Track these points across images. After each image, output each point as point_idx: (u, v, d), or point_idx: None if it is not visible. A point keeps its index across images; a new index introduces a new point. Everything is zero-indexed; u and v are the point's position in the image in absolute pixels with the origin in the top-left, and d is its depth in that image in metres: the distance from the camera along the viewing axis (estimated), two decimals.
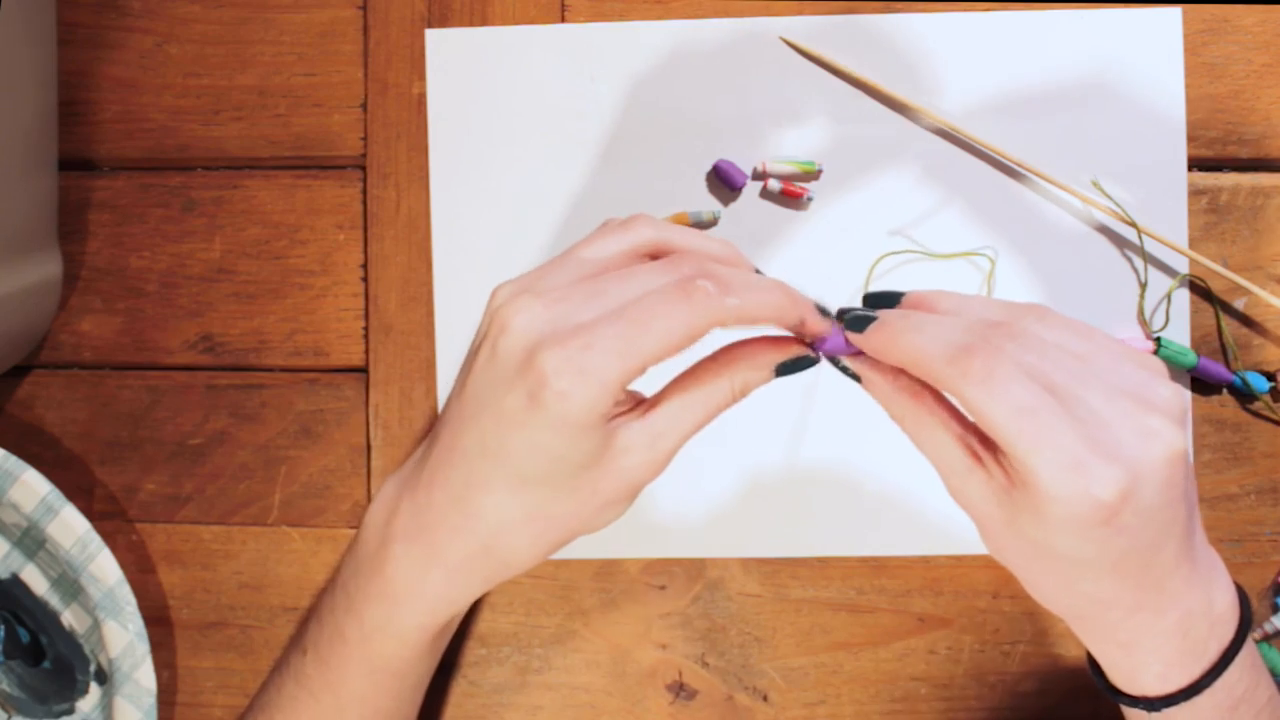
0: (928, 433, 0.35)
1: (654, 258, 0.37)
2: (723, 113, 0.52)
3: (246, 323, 0.54)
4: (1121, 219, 0.51)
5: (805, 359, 0.37)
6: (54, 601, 0.53)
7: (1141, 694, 0.36)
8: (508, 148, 0.53)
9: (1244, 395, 0.51)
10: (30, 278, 0.51)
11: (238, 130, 0.54)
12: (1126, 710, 0.37)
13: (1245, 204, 0.51)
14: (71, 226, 0.55)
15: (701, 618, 0.53)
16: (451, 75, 0.53)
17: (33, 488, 0.50)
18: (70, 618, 0.53)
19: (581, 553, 0.53)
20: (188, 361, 0.54)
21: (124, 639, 0.50)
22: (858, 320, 0.36)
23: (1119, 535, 0.32)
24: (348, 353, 0.54)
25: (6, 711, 0.53)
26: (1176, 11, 0.51)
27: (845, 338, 0.36)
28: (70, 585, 0.53)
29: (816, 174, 0.52)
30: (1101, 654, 0.36)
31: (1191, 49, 0.51)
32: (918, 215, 0.52)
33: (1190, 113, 0.51)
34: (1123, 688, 0.36)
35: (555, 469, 0.34)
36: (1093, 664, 0.38)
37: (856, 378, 0.37)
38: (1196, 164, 0.52)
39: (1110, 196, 0.51)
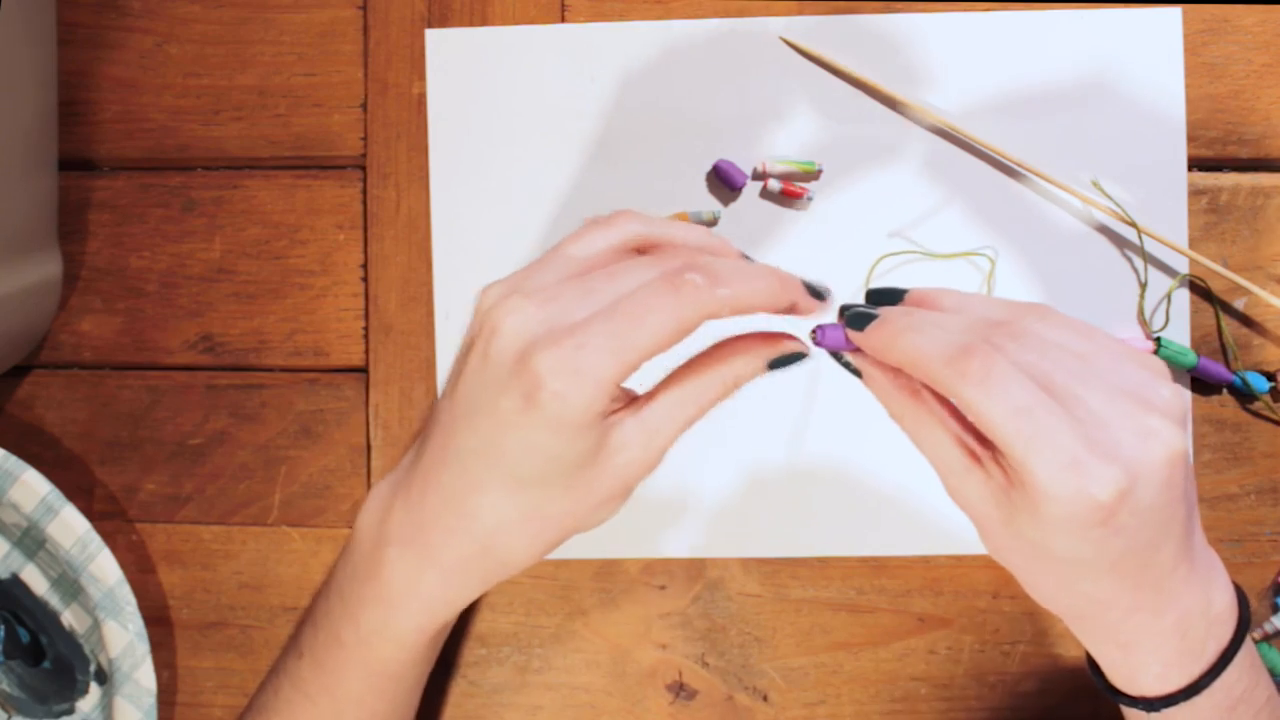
0: (926, 432, 0.35)
1: (641, 252, 0.37)
2: (723, 113, 0.52)
3: (246, 323, 0.54)
4: (1121, 219, 0.51)
5: (797, 353, 0.37)
6: (54, 601, 0.53)
7: (1140, 694, 0.36)
8: (508, 148, 0.53)
9: (1244, 395, 0.51)
10: (30, 278, 0.51)
11: (238, 130, 0.54)
12: (1126, 710, 0.37)
13: (1245, 204, 0.51)
14: (71, 226, 0.55)
15: (701, 618, 0.53)
16: (451, 75, 0.53)
17: (33, 488, 0.50)
18: (70, 618, 0.53)
19: (581, 553, 0.53)
20: (188, 361, 0.54)
21: (124, 639, 0.50)
22: (859, 317, 0.36)
23: (1117, 535, 0.32)
24: (348, 353, 0.54)
25: (6, 711, 0.53)
26: (1176, 11, 0.51)
27: (846, 334, 0.36)
28: (70, 585, 0.53)
29: (816, 174, 0.52)
30: (1100, 654, 0.36)
31: (1191, 49, 0.51)
32: (918, 215, 0.52)
33: (1190, 113, 0.51)
34: (1122, 688, 0.36)
35: (551, 469, 0.34)
36: (1092, 664, 0.38)
37: (858, 373, 0.37)
38: (1196, 164, 0.51)
39: (1110, 196, 0.51)
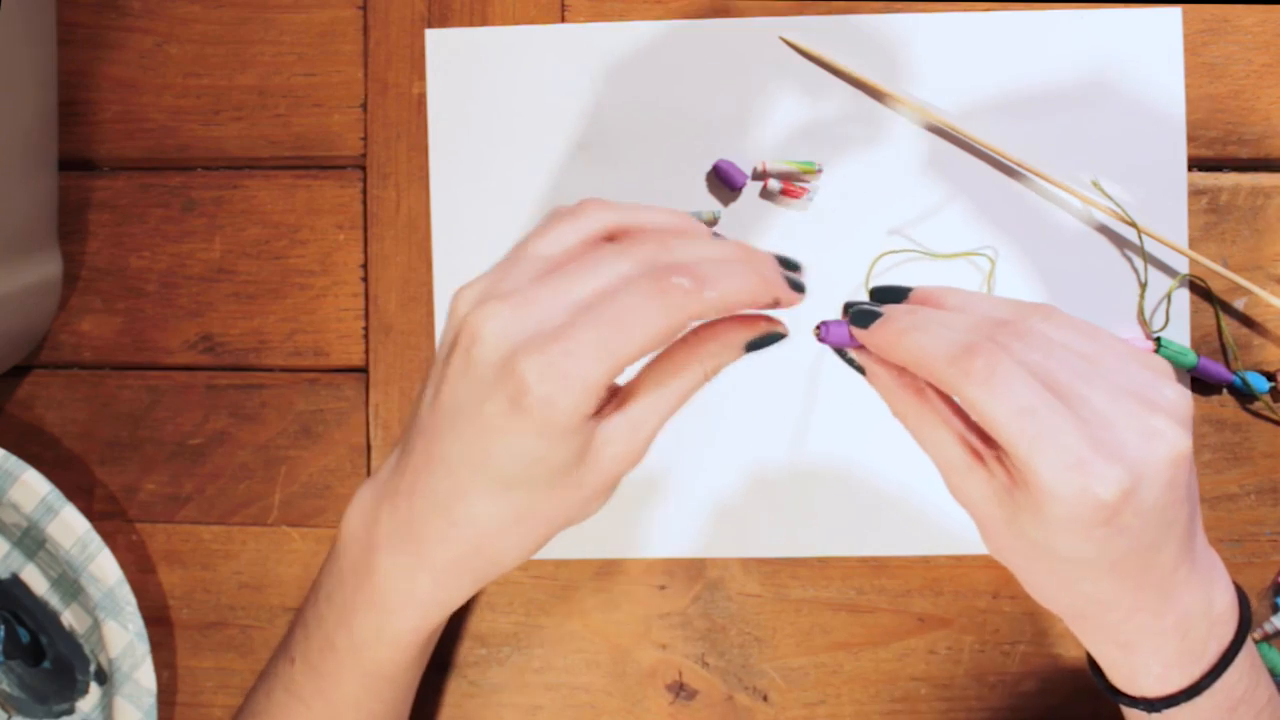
0: (929, 430, 0.35)
1: (611, 238, 0.37)
2: (723, 113, 0.52)
3: (246, 323, 0.54)
4: (1121, 219, 0.51)
5: (774, 334, 0.37)
6: (54, 601, 0.53)
7: (1141, 695, 0.36)
8: (508, 148, 0.53)
9: (1244, 395, 0.51)
10: (30, 278, 0.51)
11: (238, 130, 0.54)
12: (1126, 711, 0.37)
13: (1245, 204, 0.51)
14: (71, 226, 0.55)
15: (701, 618, 0.53)
16: (451, 75, 0.53)
17: (33, 488, 0.50)
18: (70, 618, 0.53)
19: (581, 553, 0.53)
20: (188, 361, 0.54)
21: (124, 639, 0.50)
22: (863, 314, 0.36)
23: (1119, 535, 0.32)
24: (348, 353, 0.54)
25: (6, 711, 0.53)
26: (1176, 11, 0.51)
27: (850, 331, 0.36)
28: (70, 585, 0.53)
29: (816, 174, 0.52)
30: (1101, 654, 0.36)
31: (1191, 49, 0.51)
32: (918, 215, 0.52)
33: (1190, 113, 0.51)
34: (1122, 688, 0.36)
35: (539, 471, 0.34)
36: (1092, 664, 0.38)
37: (861, 370, 0.37)
38: (1196, 164, 0.52)
39: (1110, 196, 0.51)
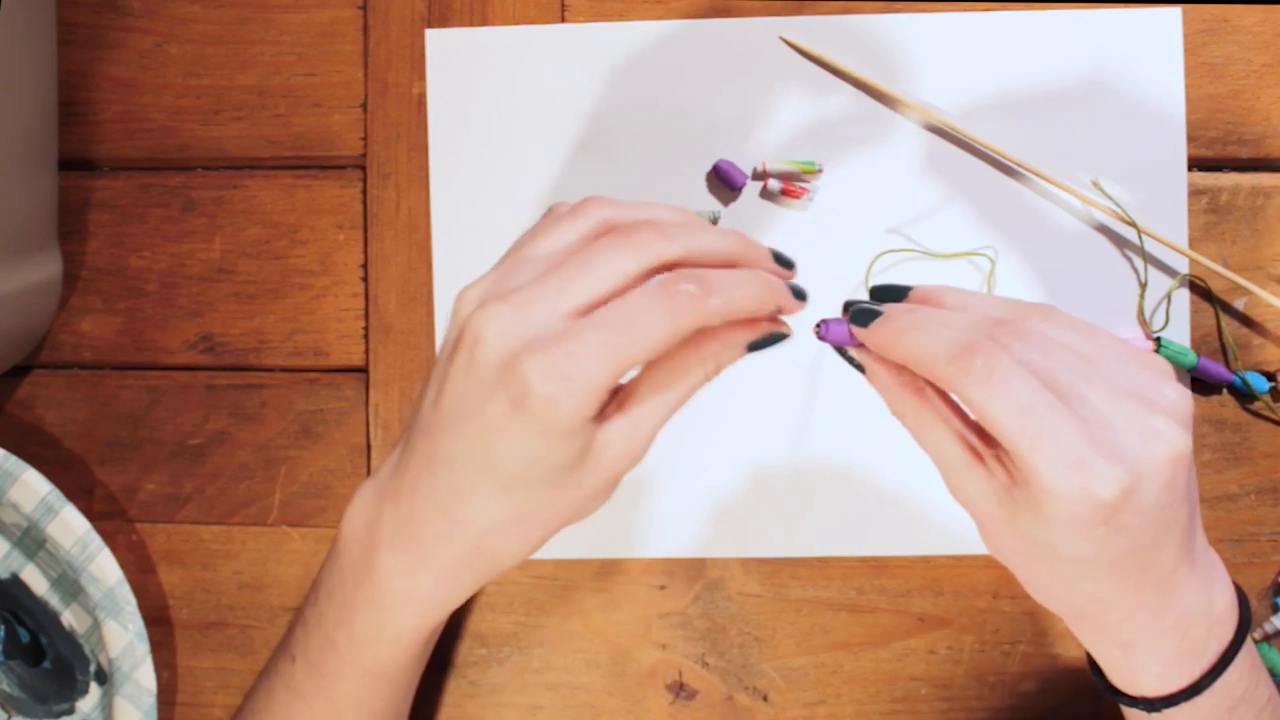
0: (928, 429, 0.35)
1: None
2: (723, 113, 0.52)
3: (246, 323, 0.54)
4: (1121, 219, 0.51)
5: (777, 335, 0.37)
6: (54, 601, 0.53)
7: (1141, 694, 0.36)
8: (508, 148, 0.53)
9: (1244, 395, 0.51)
10: (30, 278, 0.51)
11: (238, 130, 0.54)
12: (1126, 710, 0.37)
13: (1245, 204, 0.51)
14: (71, 226, 0.55)
15: (701, 618, 0.53)
16: (451, 75, 0.53)
17: (33, 488, 0.50)
18: (70, 618, 0.53)
19: (581, 553, 0.53)
20: (188, 361, 0.54)
21: (124, 639, 0.50)
22: (863, 313, 0.36)
23: (1119, 535, 0.32)
24: (348, 353, 0.54)
25: (6, 711, 0.53)
26: (1176, 11, 0.51)
27: (850, 330, 0.36)
28: (70, 585, 0.53)
29: (816, 174, 0.52)
30: (1101, 654, 0.36)
31: (1191, 49, 0.51)
32: (918, 215, 0.52)
33: (1190, 113, 0.51)
34: (1122, 688, 0.36)
35: (540, 471, 0.34)
36: (1092, 664, 0.38)
37: (861, 368, 0.37)
38: (1196, 164, 0.52)
39: (1110, 196, 0.51)
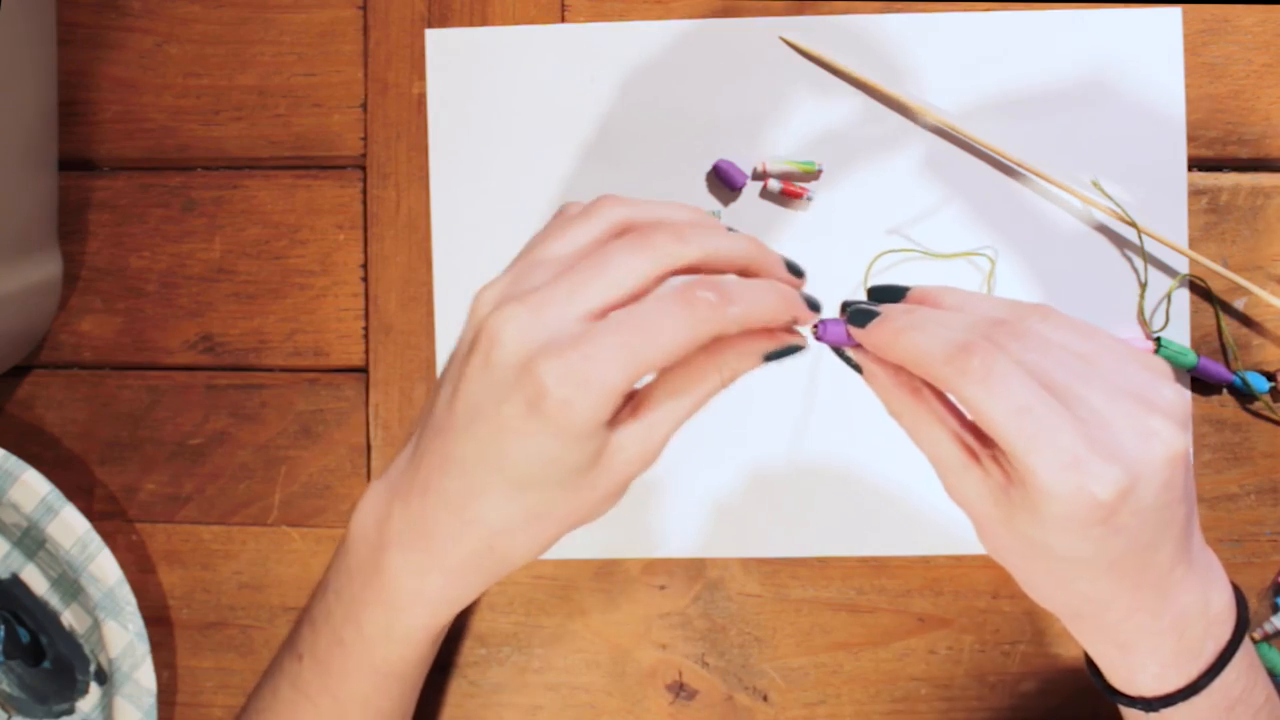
0: (925, 429, 0.35)
1: (622, 232, 0.36)
2: (723, 113, 0.52)
3: (246, 323, 0.54)
4: (1121, 219, 0.51)
5: (793, 346, 0.37)
6: (54, 601, 0.53)
7: (1138, 694, 0.36)
8: (508, 148, 0.53)
9: (1244, 395, 0.51)
10: (30, 278, 0.51)
11: (238, 130, 0.54)
12: (1124, 711, 0.37)
13: (1245, 204, 0.51)
14: (71, 226, 0.55)
15: (701, 618, 0.53)
16: (451, 75, 0.53)
17: (33, 488, 0.50)
18: (70, 618, 0.53)
19: (581, 553, 0.53)
20: (188, 361, 0.54)
21: (124, 639, 0.50)
22: (860, 314, 0.36)
23: (1116, 535, 0.32)
24: (348, 353, 0.54)
25: (6, 711, 0.53)
26: (1176, 11, 0.51)
27: (848, 330, 0.36)
28: (70, 585, 0.53)
29: (816, 174, 0.52)
30: (1099, 654, 0.36)
31: (1191, 49, 0.51)
32: (918, 215, 0.52)
33: (1190, 113, 0.51)
34: (1120, 688, 0.36)
35: (553, 473, 0.34)
36: (1090, 664, 0.38)
37: (858, 368, 0.37)
38: (1196, 164, 0.51)
39: (1110, 196, 0.51)
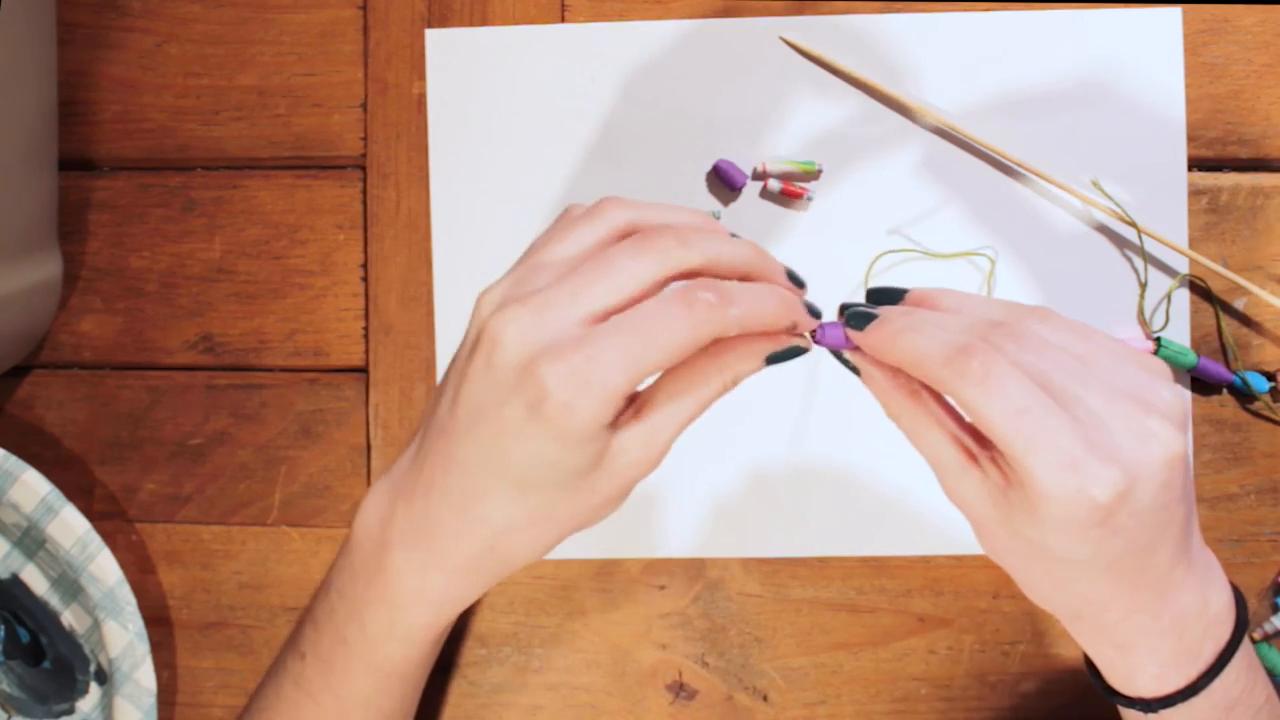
0: (923, 431, 0.36)
1: (626, 235, 0.37)
2: (723, 113, 0.52)
3: (246, 323, 0.54)
4: (1121, 219, 0.51)
5: (796, 348, 0.37)
6: (54, 601, 0.53)
7: (1138, 695, 0.36)
8: (508, 148, 0.53)
9: (1244, 395, 0.51)
10: (30, 278, 0.51)
11: (238, 130, 0.54)
12: (1123, 711, 0.37)
13: (1245, 204, 0.51)
14: (71, 226, 0.55)
15: (701, 618, 0.53)
16: (451, 75, 0.53)
17: (33, 488, 0.50)
18: (70, 618, 0.53)
19: (581, 553, 0.53)
20: (188, 361, 0.54)
21: (124, 639, 0.50)
22: (859, 316, 0.36)
23: (1115, 536, 0.32)
24: (348, 353, 0.54)
25: (6, 711, 0.53)
26: (1176, 11, 0.51)
27: (846, 333, 0.36)
28: (70, 585, 0.53)
29: (816, 174, 0.52)
30: (1098, 655, 0.36)
31: (1191, 49, 0.51)
32: (918, 215, 0.52)
33: (1190, 113, 0.51)
34: (1119, 689, 0.36)
35: (555, 475, 0.34)
36: (1089, 665, 0.38)
37: (857, 371, 0.37)
38: (1196, 164, 0.51)
39: (1110, 196, 0.51)
